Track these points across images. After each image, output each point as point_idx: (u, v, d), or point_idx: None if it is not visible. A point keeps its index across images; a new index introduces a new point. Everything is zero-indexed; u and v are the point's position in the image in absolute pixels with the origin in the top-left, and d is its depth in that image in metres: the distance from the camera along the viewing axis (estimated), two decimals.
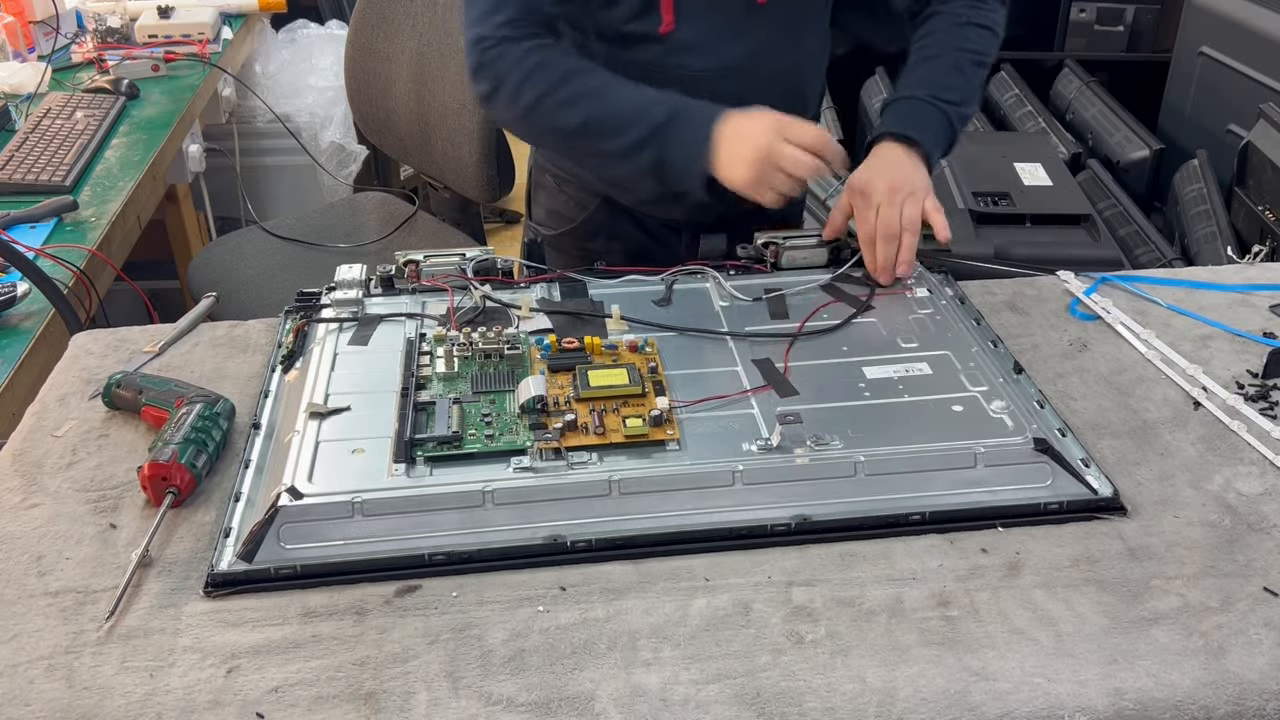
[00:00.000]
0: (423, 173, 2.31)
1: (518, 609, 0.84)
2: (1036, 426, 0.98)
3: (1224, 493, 0.96)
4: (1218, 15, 2.45)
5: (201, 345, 1.18)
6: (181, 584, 0.86)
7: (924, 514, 0.92)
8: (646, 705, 0.76)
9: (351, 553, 0.88)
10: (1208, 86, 2.49)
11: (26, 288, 1.44)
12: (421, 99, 2.08)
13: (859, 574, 0.87)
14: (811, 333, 1.13)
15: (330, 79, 2.80)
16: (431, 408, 0.99)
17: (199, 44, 2.43)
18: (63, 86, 2.25)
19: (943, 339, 1.11)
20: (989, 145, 2.19)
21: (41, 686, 0.78)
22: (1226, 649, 0.80)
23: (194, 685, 0.78)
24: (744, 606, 0.84)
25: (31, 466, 1.00)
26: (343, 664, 0.79)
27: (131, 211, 1.79)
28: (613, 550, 0.89)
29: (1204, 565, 0.88)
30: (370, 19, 2.21)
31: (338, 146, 2.79)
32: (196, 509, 0.94)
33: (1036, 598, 0.85)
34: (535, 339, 1.10)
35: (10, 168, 1.80)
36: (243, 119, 2.74)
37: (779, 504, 0.91)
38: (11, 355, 1.35)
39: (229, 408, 1.03)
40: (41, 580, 0.87)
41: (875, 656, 0.80)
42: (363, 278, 1.20)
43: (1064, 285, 1.29)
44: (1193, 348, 1.16)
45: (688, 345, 1.11)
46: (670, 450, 0.95)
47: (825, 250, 1.26)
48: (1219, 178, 2.12)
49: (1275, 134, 1.96)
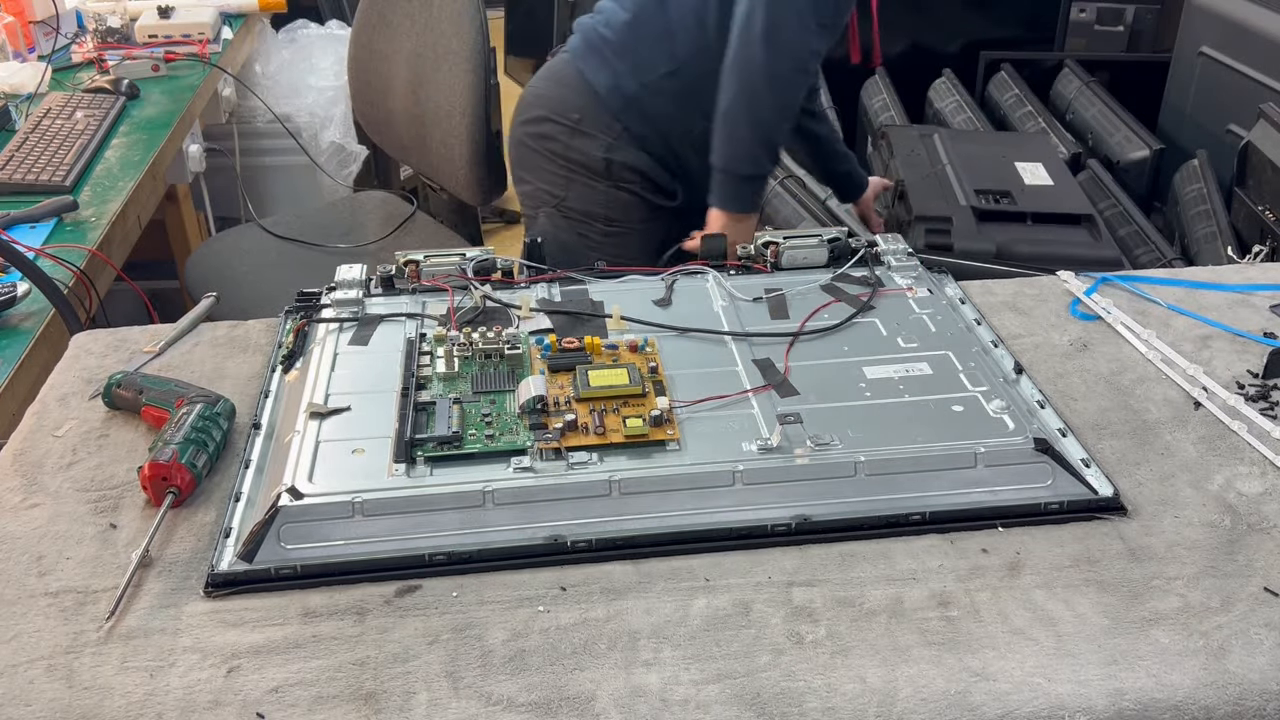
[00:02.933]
0: (420, 173, 2.31)
1: (518, 609, 0.84)
2: (1037, 426, 0.98)
3: (1224, 493, 0.96)
4: (1218, 15, 2.45)
5: (201, 345, 1.18)
6: (182, 584, 0.86)
7: (924, 514, 0.92)
8: (646, 705, 0.76)
9: (352, 553, 0.88)
10: (1208, 86, 2.49)
11: (26, 288, 1.44)
12: (418, 100, 2.08)
13: (859, 574, 0.87)
14: (812, 333, 1.13)
15: (330, 79, 2.80)
16: (432, 408, 0.99)
17: (199, 44, 2.43)
18: (63, 86, 2.25)
19: (943, 339, 1.11)
20: (990, 145, 2.19)
21: (41, 686, 0.78)
22: (1227, 649, 0.80)
23: (194, 685, 0.78)
24: (744, 606, 0.84)
25: (32, 466, 1.00)
26: (343, 664, 0.79)
27: (131, 211, 1.79)
28: (613, 550, 0.89)
29: (1204, 565, 0.88)
30: (371, 19, 2.21)
31: (338, 146, 2.79)
32: (197, 509, 0.94)
33: (1037, 598, 0.85)
34: (535, 339, 1.10)
35: (10, 168, 1.80)
36: (243, 119, 2.73)
37: (779, 504, 0.92)
38: (11, 355, 1.35)
39: (229, 408, 1.03)
40: (42, 580, 0.87)
41: (875, 656, 0.80)
42: (363, 278, 1.20)
43: (1064, 285, 1.29)
44: (1193, 348, 1.16)
45: (688, 345, 1.11)
46: (670, 450, 0.95)
47: (825, 250, 1.26)
48: (1219, 178, 2.12)
49: (1275, 134, 1.95)
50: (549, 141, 1.76)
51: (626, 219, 1.76)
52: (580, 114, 1.72)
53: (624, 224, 1.76)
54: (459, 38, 1.93)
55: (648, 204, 1.77)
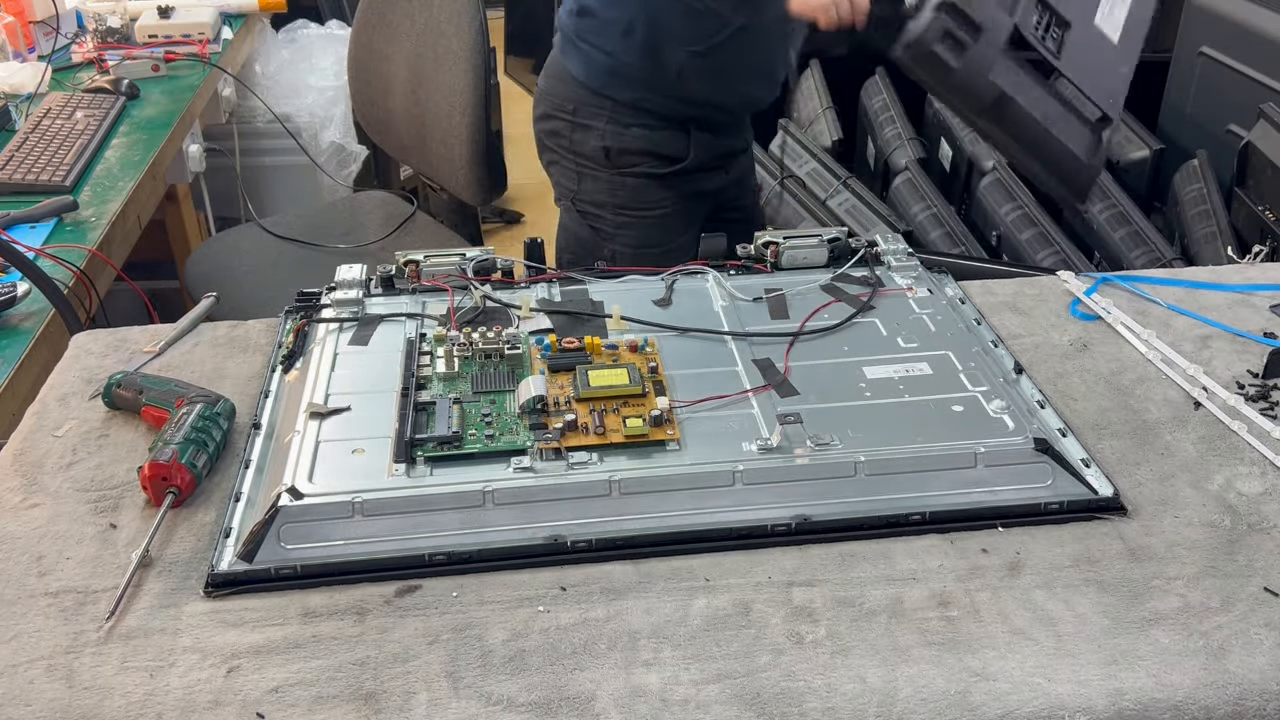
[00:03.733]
0: (420, 173, 2.31)
1: (518, 609, 0.84)
2: (1037, 426, 0.98)
3: (1224, 493, 0.96)
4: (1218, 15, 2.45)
5: (201, 345, 1.18)
6: (182, 584, 0.86)
7: (924, 514, 0.92)
8: (646, 705, 0.76)
9: (351, 553, 0.88)
10: (1208, 86, 2.49)
11: (26, 288, 1.44)
12: (418, 100, 2.08)
13: (859, 574, 0.87)
14: (812, 333, 1.13)
15: (330, 79, 2.80)
16: (432, 408, 0.99)
17: (199, 44, 2.43)
18: (63, 86, 2.25)
19: (943, 339, 1.11)
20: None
21: (41, 686, 0.78)
22: (1227, 649, 0.80)
23: (194, 685, 0.78)
24: (744, 606, 0.84)
25: (32, 466, 1.00)
26: (343, 664, 0.79)
27: (131, 211, 1.79)
28: (613, 550, 0.89)
29: (1204, 565, 0.88)
30: (371, 19, 2.21)
31: (338, 146, 2.79)
32: (196, 509, 0.94)
33: (1037, 598, 0.85)
34: (535, 339, 1.10)
35: (10, 168, 1.80)
36: (243, 119, 2.73)
37: (779, 504, 0.91)
38: (11, 355, 1.35)
39: (229, 408, 1.03)
40: (42, 580, 0.87)
41: (875, 656, 0.80)
42: (363, 278, 1.20)
43: (1064, 285, 1.29)
44: (1193, 348, 1.16)
45: (688, 345, 1.11)
46: (670, 450, 0.95)
47: (825, 250, 1.26)
48: (1219, 178, 2.12)
49: (1275, 134, 1.95)
50: (558, 138, 1.80)
51: (636, 204, 1.78)
52: (574, 104, 1.75)
53: (634, 211, 1.78)
54: (459, 38, 1.93)
55: (658, 181, 1.78)
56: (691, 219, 1.82)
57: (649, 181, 1.77)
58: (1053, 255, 2.14)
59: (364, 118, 2.37)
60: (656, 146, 1.75)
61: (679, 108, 1.73)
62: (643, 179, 1.77)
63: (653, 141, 1.75)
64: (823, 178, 2.51)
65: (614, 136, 1.74)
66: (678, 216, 1.80)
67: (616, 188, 1.78)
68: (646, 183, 1.78)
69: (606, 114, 1.73)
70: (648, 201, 1.79)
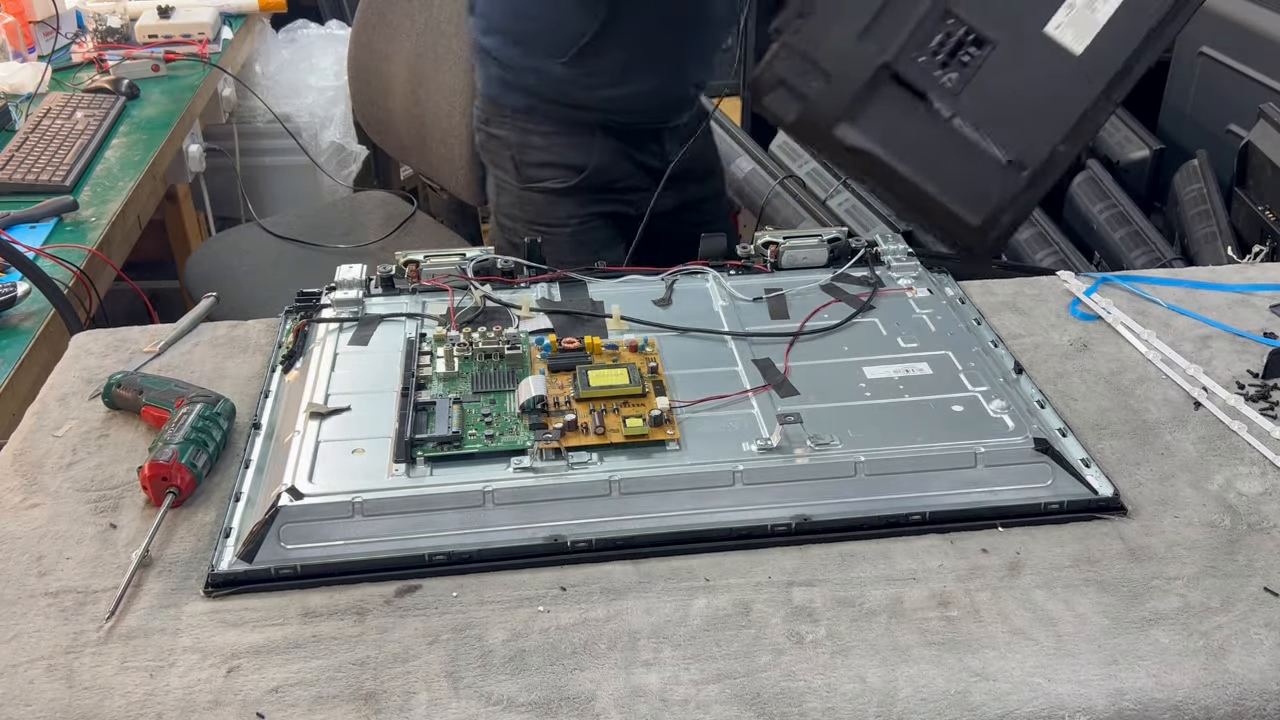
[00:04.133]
0: (420, 173, 2.31)
1: (518, 609, 0.84)
2: (1037, 426, 0.98)
3: (1224, 493, 0.96)
4: (1218, 15, 2.45)
5: (201, 345, 1.18)
6: (181, 584, 0.86)
7: (924, 514, 0.92)
8: (646, 705, 0.76)
9: (351, 553, 0.88)
10: (1208, 86, 2.49)
11: (26, 288, 1.44)
12: (418, 100, 2.08)
13: (859, 574, 0.87)
14: (812, 333, 1.13)
15: (330, 79, 2.80)
16: (432, 408, 0.99)
17: (199, 44, 2.43)
18: (63, 86, 2.25)
19: (943, 339, 1.11)
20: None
21: (41, 686, 0.78)
22: (1227, 649, 0.80)
23: (194, 685, 0.78)
24: (744, 606, 0.84)
25: (32, 466, 1.00)
26: (343, 664, 0.79)
27: (131, 211, 1.79)
28: (613, 550, 0.89)
29: (1204, 565, 0.88)
30: (371, 19, 2.21)
31: (338, 146, 2.79)
32: (196, 509, 0.94)
33: (1036, 598, 0.85)
34: (535, 339, 1.10)
35: (10, 168, 1.80)
36: (243, 119, 2.73)
37: (779, 504, 0.92)
38: (11, 355, 1.35)
39: (229, 408, 1.03)
40: (41, 580, 0.87)
41: (875, 656, 0.80)
42: (363, 278, 1.20)
43: (1064, 285, 1.29)
44: (1193, 348, 1.16)
45: (688, 345, 1.11)
46: (670, 450, 0.95)
47: (825, 250, 1.26)
48: (1219, 178, 2.12)
49: (1275, 134, 1.95)
50: (482, 150, 1.77)
51: (544, 221, 1.71)
52: (486, 114, 1.72)
53: (542, 226, 1.70)
54: (459, 38, 1.93)
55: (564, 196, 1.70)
56: (610, 241, 1.70)
57: (554, 196, 1.70)
58: (1052, 255, 2.14)
59: (364, 118, 2.37)
60: (560, 156, 1.68)
61: (572, 113, 1.66)
62: (549, 194, 1.70)
63: (555, 150, 1.68)
64: (823, 178, 2.51)
65: (519, 147, 1.69)
66: (590, 234, 1.71)
67: (525, 202, 1.72)
68: (552, 197, 1.70)
69: (509, 121, 1.68)
70: (556, 218, 1.71)
